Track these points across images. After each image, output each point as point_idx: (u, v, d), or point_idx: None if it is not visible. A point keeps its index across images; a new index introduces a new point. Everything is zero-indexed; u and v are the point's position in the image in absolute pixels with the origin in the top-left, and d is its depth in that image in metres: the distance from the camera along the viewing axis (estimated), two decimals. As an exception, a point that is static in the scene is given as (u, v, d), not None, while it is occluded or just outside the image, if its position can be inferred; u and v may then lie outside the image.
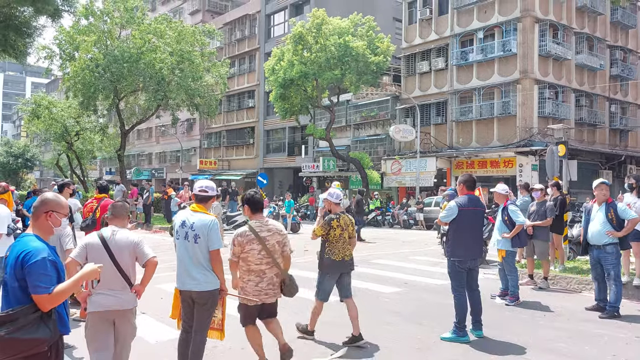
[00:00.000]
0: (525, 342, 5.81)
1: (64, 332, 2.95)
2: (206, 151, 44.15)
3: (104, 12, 25.17)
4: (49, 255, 2.84)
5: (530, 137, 23.71)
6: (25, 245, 2.86)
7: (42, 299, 2.75)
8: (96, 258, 3.81)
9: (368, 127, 31.33)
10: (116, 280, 4.00)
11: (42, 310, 2.77)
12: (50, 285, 2.77)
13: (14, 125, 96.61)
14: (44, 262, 2.79)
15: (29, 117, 31.39)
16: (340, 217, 5.80)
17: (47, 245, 2.95)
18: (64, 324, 2.96)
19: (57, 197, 3.13)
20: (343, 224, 5.80)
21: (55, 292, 2.78)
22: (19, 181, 47.61)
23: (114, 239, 4.02)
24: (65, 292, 2.84)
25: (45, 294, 2.74)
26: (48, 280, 2.77)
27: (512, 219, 7.68)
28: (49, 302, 2.77)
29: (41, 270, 2.76)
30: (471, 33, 26.04)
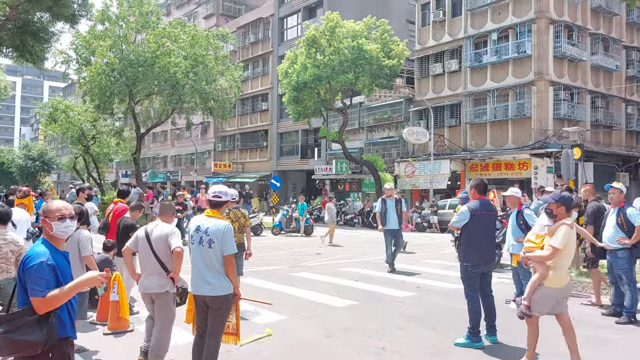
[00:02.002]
0: (539, 347, 5.75)
1: (64, 336, 2.95)
2: (220, 154, 44.41)
3: (120, 17, 25.48)
4: (48, 259, 2.89)
5: (546, 139, 23.49)
6: (30, 250, 2.98)
7: (37, 302, 2.80)
8: (141, 247, 4.86)
9: (381, 129, 31.29)
10: (154, 266, 4.80)
11: (38, 313, 2.81)
12: (45, 288, 2.81)
13: (32, 128, 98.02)
14: (42, 266, 2.84)
15: (46, 120, 31.85)
16: (230, 211, 7.00)
17: (55, 250, 3.01)
18: (66, 327, 2.97)
19: (49, 203, 3.20)
20: (233, 217, 7.00)
21: (50, 296, 2.81)
22: (36, 184, 48.24)
23: (153, 231, 4.86)
24: (60, 297, 2.85)
25: (39, 297, 2.79)
26: (44, 283, 2.81)
27: (528, 223, 7.62)
28: (43, 306, 2.80)
29: (38, 273, 2.82)
30: (485, 35, 25.89)
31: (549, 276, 4.76)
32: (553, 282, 4.80)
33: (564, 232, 4.63)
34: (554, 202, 4.82)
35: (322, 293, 8.64)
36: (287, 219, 20.83)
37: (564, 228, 4.65)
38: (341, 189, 33.19)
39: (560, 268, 4.81)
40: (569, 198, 4.90)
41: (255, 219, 20.67)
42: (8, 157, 50.70)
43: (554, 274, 4.78)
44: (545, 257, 4.72)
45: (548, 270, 4.76)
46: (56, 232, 3.06)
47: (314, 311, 7.50)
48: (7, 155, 51.91)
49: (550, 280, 4.78)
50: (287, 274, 10.70)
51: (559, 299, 4.87)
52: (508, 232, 7.97)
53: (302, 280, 10.04)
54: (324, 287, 9.22)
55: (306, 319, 7.08)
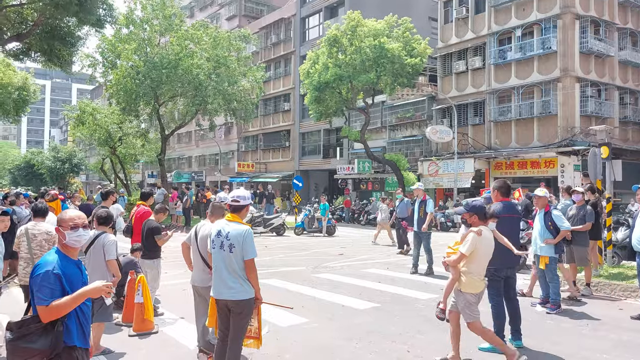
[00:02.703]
0: (566, 352, 5.66)
1: (71, 344, 2.94)
2: (244, 154, 44.74)
3: (144, 21, 25.86)
4: (54, 268, 2.91)
5: (572, 137, 23.02)
6: (41, 258, 3.03)
7: (41, 310, 2.83)
8: (192, 244, 5.47)
9: (404, 128, 31.09)
10: (199, 263, 5.32)
11: (42, 321, 2.83)
12: (49, 297, 2.83)
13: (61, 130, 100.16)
14: (47, 275, 2.87)
15: (74, 123, 32.56)
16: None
17: (67, 259, 3.04)
18: (72, 336, 2.96)
19: (63, 212, 3.25)
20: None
21: (53, 305, 2.83)
22: (65, 185, 49.36)
23: (200, 231, 5.36)
24: (63, 306, 2.85)
25: (43, 306, 2.82)
26: (48, 292, 2.84)
27: (556, 225, 7.48)
28: (47, 314, 2.83)
29: (43, 282, 2.86)
30: (509, 31, 25.49)
31: (463, 281, 5.04)
32: (469, 288, 5.05)
33: (471, 240, 4.91)
34: (466, 211, 5.12)
35: (344, 295, 8.63)
36: (309, 219, 20.87)
37: (471, 236, 4.93)
38: (364, 188, 33.08)
39: (472, 273, 5.02)
40: (481, 207, 5.16)
41: (277, 219, 20.77)
42: (38, 159, 51.96)
43: (467, 279, 5.03)
44: (453, 261, 5.03)
45: (459, 275, 5.04)
46: (69, 241, 3.09)
47: (336, 314, 7.49)
48: (37, 157, 53.22)
49: (465, 285, 5.05)
50: (310, 275, 10.72)
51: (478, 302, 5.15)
52: (534, 233, 7.84)
53: (325, 281, 10.05)
54: (346, 288, 9.21)
55: (328, 321, 7.08)
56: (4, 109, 23.42)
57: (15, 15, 16.39)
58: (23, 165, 57.82)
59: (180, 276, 10.30)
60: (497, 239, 5.44)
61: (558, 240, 7.49)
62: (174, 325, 6.89)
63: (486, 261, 5.15)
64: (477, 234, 4.92)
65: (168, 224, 20.39)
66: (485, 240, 5.03)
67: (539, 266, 7.70)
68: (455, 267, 5.08)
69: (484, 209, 5.17)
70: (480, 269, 5.11)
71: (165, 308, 7.68)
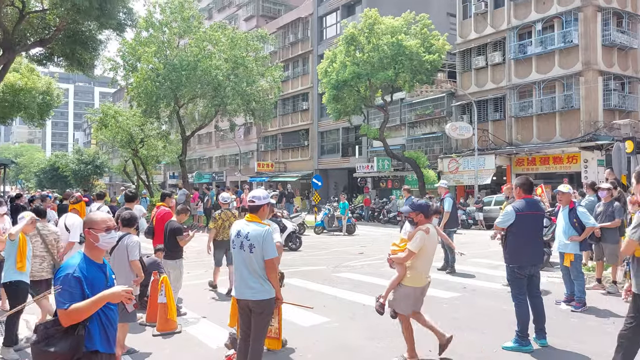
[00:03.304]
0: (592, 351, 5.57)
1: (92, 349, 2.91)
2: (263, 154, 44.96)
3: (163, 23, 26.16)
4: (74, 272, 2.88)
5: (596, 132, 22.59)
6: (64, 261, 3.03)
7: (60, 314, 2.81)
8: None
9: (423, 125, 30.88)
10: None
11: (62, 325, 2.82)
12: (68, 301, 2.80)
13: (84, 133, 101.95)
14: (67, 278, 2.85)
15: (97, 126, 33.10)
16: (222, 212, 8.94)
17: (91, 262, 3.02)
18: (93, 341, 2.91)
19: (92, 214, 3.24)
20: (224, 217, 8.85)
21: (72, 309, 2.80)
22: (90, 187, 50.20)
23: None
24: (82, 310, 2.82)
25: (61, 309, 2.80)
26: (68, 296, 2.82)
27: (582, 221, 7.36)
28: (66, 318, 2.81)
29: (63, 285, 2.85)
30: (529, 25, 25.12)
31: (408, 276, 5.20)
32: (411, 282, 5.20)
33: (420, 238, 5.08)
34: (412, 210, 5.28)
35: (365, 294, 8.61)
36: (329, 218, 20.86)
37: (419, 234, 5.11)
38: (383, 186, 32.96)
39: (417, 269, 5.19)
40: (426, 205, 5.34)
41: (297, 218, 20.80)
42: (62, 162, 52.91)
43: (411, 274, 5.19)
44: (401, 258, 5.18)
45: (406, 271, 5.20)
46: (102, 243, 3.07)
47: (357, 313, 7.48)
48: (62, 160, 54.19)
49: (408, 279, 5.20)
50: (330, 275, 10.73)
51: (418, 297, 5.31)
52: (558, 230, 7.71)
53: (345, 280, 10.04)
54: (367, 287, 9.19)
55: (349, 321, 7.08)
56: (29, 113, 23.88)
57: (38, 21, 16.72)
58: (48, 168, 58.93)
59: (202, 276, 10.40)
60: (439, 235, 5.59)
61: (584, 237, 7.36)
62: (197, 325, 6.96)
63: (432, 257, 5.34)
64: (425, 232, 5.11)
65: (190, 224, 20.59)
66: (432, 238, 5.21)
67: (564, 264, 7.58)
68: (402, 264, 5.22)
69: (429, 207, 5.34)
70: (426, 265, 5.27)
71: (188, 308, 7.76)
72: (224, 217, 8.82)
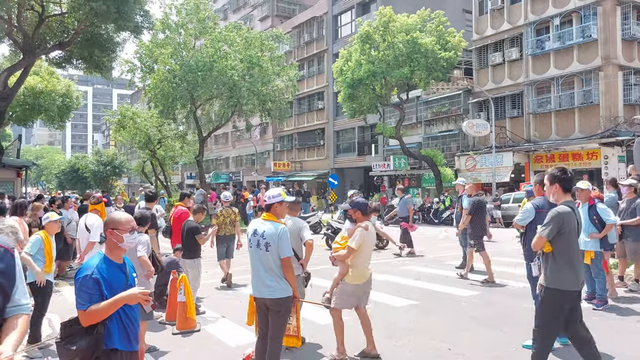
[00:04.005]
0: (613, 350, 5.49)
1: (111, 347, 2.94)
2: (279, 154, 45.09)
3: (179, 25, 26.38)
4: (93, 273, 2.90)
5: (616, 127, 22.22)
6: (84, 262, 3.06)
7: (80, 315, 2.87)
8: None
9: (440, 123, 30.68)
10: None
11: (82, 325, 2.87)
12: (87, 302, 2.85)
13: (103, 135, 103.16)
14: (85, 280, 2.88)
15: (115, 127, 33.49)
16: (224, 209, 9.75)
17: (110, 263, 3.04)
18: (112, 339, 2.95)
19: (116, 215, 3.26)
20: (225, 214, 9.63)
21: (90, 309, 2.85)
22: (109, 188, 50.81)
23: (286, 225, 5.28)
24: (100, 311, 2.86)
25: (80, 310, 2.86)
26: (86, 297, 2.86)
27: (602, 218, 7.26)
28: (85, 318, 2.86)
29: (82, 287, 2.88)
30: (547, 20, 24.80)
31: (350, 274, 5.32)
32: (353, 279, 5.32)
33: (359, 235, 5.21)
34: (350, 208, 5.46)
35: (382, 292, 8.59)
36: (345, 218, 20.81)
37: (359, 231, 5.23)
38: (400, 185, 32.81)
39: (358, 266, 5.32)
40: (363, 203, 5.50)
41: (314, 217, 20.83)
42: (82, 163, 53.65)
43: (353, 272, 5.31)
44: (343, 256, 5.30)
45: (347, 268, 5.31)
46: (126, 243, 3.09)
47: (374, 311, 7.45)
48: (82, 161, 54.93)
49: (350, 277, 5.32)
50: (348, 273, 10.71)
51: (360, 294, 5.42)
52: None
53: (363, 279, 10.02)
54: (384, 286, 9.17)
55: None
56: (49, 115, 24.29)
57: (57, 24, 16.98)
58: (68, 170, 59.75)
59: (220, 275, 10.48)
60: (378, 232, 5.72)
61: (604, 234, 7.26)
62: (216, 324, 7.02)
63: (370, 253, 5.49)
64: (364, 229, 5.25)
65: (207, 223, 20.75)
66: (371, 234, 5.38)
67: (584, 261, 7.47)
68: (344, 262, 5.33)
69: (366, 205, 5.51)
70: (365, 260, 5.42)
71: (206, 306, 7.83)
72: (225, 214, 9.62)
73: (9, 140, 38.15)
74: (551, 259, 4.30)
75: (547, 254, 4.32)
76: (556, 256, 4.26)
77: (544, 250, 4.34)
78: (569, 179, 4.38)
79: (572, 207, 4.32)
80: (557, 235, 4.21)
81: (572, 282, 4.27)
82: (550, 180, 4.44)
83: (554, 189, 4.42)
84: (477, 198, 10.18)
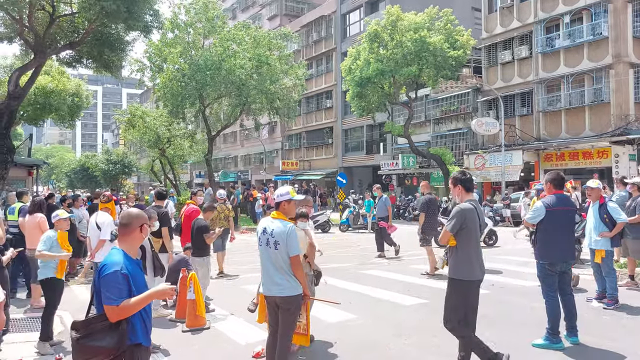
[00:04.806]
0: (625, 349, 5.45)
1: (135, 342, 3.01)
2: (288, 152, 45.14)
3: (188, 24, 26.45)
4: (122, 268, 2.96)
5: (627, 125, 22.01)
6: (105, 258, 3.08)
7: (110, 310, 2.89)
8: None
9: (449, 121, 30.56)
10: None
11: (110, 320, 2.91)
12: (118, 297, 2.90)
13: (112, 134, 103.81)
14: (116, 275, 2.93)
15: (125, 126, 33.67)
16: (218, 205, 10.40)
17: (130, 259, 3.10)
18: (137, 334, 3.02)
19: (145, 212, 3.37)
20: (219, 209, 10.36)
21: (123, 305, 2.90)
22: (118, 186, 51.13)
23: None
24: (133, 306, 2.93)
25: (113, 306, 2.89)
26: (117, 292, 2.90)
27: (613, 217, 7.21)
28: (116, 314, 2.90)
29: (112, 282, 2.91)
30: (557, 18, 24.61)
31: None
32: None
33: None
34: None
35: (391, 291, 8.59)
36: (354, 216, 20.84)
37: None
38: (408, 184, 32.75)
39: None
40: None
41: (322, 216, 20.86)
42: (92, 162, 54.03)
43: None
44: None
45: None
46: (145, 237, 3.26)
47: (383, 309, 7.48)
48: (92, 160, 55.34)
49: None
50: (356, 272, 10.73)
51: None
52: (589, 226, 7.57)
53: (371, 278, 10.04)
54: (393, 284, 9.17)
55: (375, 317, 7.07)
56: (60, 114, 24.45)
57: (68, 24, 17.08)
58: (78, 169, 60.23)
59: (229, 272, 10.53)
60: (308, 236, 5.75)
61: (615, 233, 7.21)
62: (225, 322, 7.05)
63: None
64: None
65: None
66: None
67: (595, 260, 7.42)
68: None
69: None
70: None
71: (216, 304, 7.87)
72: (219, 210, 10.40)
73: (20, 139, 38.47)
74: (455, 252, 4.64)
75: (452, 247, 4.66)
76: (459, 249, 4.61)
77: (450, 244, 4.66)
78: (469, 180, 4.77)
79: (474, 205, 4.63)
80: (459, 230, 4.55)
81: (474, 272, 4.62)
82: (453, 182, 4.79)
83: (457, 190, 4.77)
84: (428, 197, 10.61)
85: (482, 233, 17.16)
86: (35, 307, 7.67)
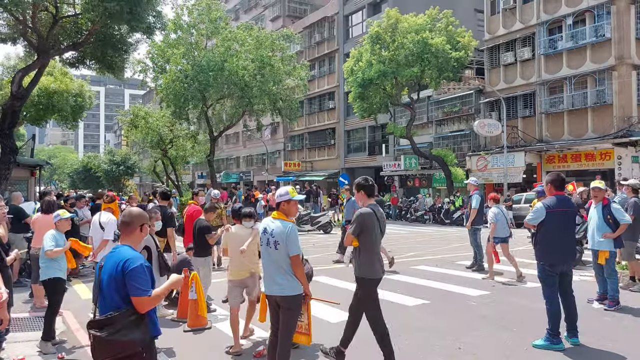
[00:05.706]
0: (626, 350, 5.46)
1: (155, 334, 3.18)
2: (290, 153, 45.17)
3: (191, 25, 26.54)
4: (144, 261, 3.13)
5: (630, 127, 21.99)
6: (123, 254, 3.12)
7: (143, 301, 3.01)
8: None
9: (451, 123, 30.56)
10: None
11: (140, 312, 3.02)
12: (149, 288, 3.05)
13: (115, 135, 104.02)
14: (142, 268, 3.07)
15: (127, 127, 33.74)
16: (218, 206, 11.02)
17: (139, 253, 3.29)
18: (156, 326, 3.19)
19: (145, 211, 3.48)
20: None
21: (154, 294, 3.05)
22: (121, 187, 51.24)
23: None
24: (159, 295, 3.10)
25: (145, 296, 3.01)
26: (147, 283, 3.05)
27: (616, 218, 7.21)
28: (148, 304, 3.03)
29: (141, 274, 3.04)
30: (559, 19, 24.60)
31: (229, 270, 6.03)
32: (229, 276, 6.01)
33: (223, 236, 6.18)
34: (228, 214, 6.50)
35: (392, 292, 8.60)
36: (356, 217, 20.81)
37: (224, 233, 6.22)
38: (410, 185, 32.75)
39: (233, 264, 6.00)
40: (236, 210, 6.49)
41: (324, 217, 20.86)
42: (95, 163, 54.18)
43: (229, 270, 6.04)
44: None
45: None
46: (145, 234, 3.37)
47: (384, 310, 7.41)
48: (94, 161, 55.49)
49: (228, 274, 6.03)
50: (358, 272, 10.71)
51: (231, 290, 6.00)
52: (591, 227, 7.55)
53: (373, 278, 10.02)
54: (394, 285, 9.18)
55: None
56: (62, 115, 24.49)
57: (71, 25, 17.14)
58: (81, 169, 60.40)
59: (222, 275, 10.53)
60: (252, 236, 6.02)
61: (619, 234, 7.20)
62: (226, 322, 7.05)
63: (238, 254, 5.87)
64: (225, 231, 6.17)
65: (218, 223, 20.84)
66: (235, 235, 6.02)
67: (598, 261, 7.41)
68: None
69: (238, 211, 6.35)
70: (236, 261, 5.96)
71: (217, 304, 7.89)
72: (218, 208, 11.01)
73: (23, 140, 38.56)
74: (358, 253, 4.97)
75: (356, 248, 4.98)
76: (362, 250, 4.93)
77: (354, 246, 4.99)
78: (371, 186, 5.07)
79: (373, 209, 4.90)
80: (360, 233, 4.86)
81: (375, 271, 4.97)
82: (356, 188, 5.11)
83: (360, 195, 5.07)
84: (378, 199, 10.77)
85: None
86: (39, 307, 7.71)
